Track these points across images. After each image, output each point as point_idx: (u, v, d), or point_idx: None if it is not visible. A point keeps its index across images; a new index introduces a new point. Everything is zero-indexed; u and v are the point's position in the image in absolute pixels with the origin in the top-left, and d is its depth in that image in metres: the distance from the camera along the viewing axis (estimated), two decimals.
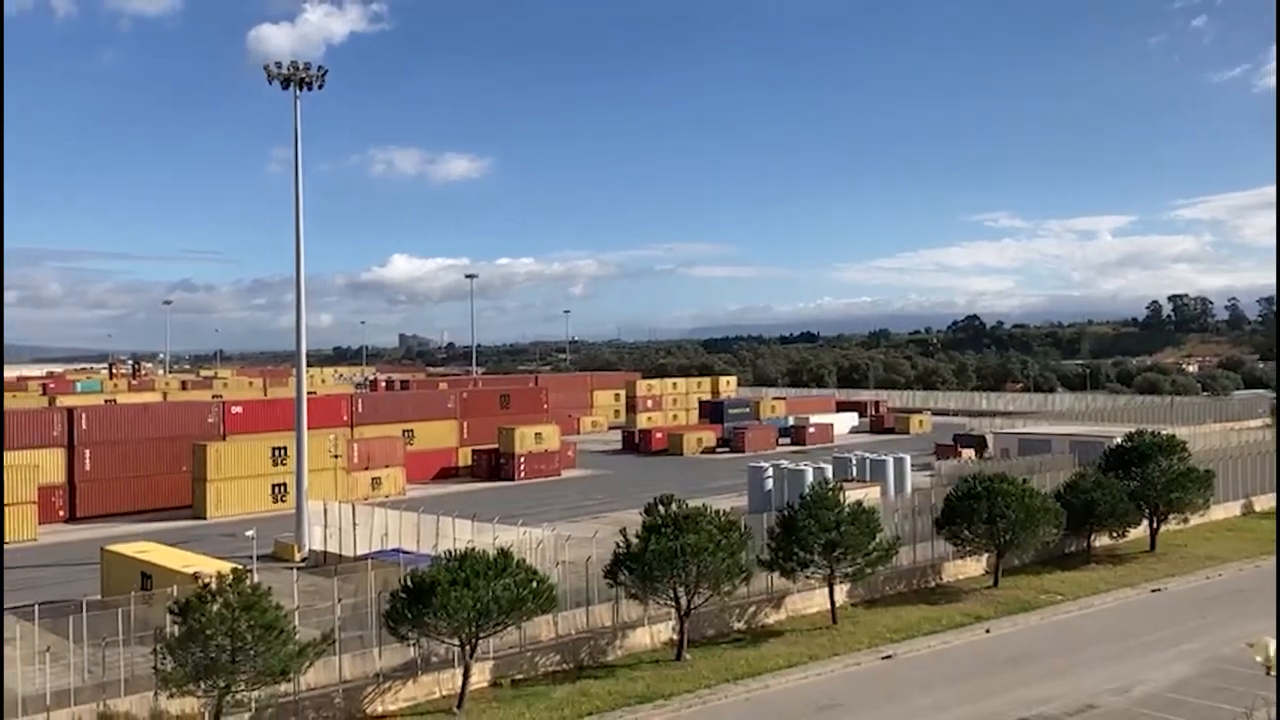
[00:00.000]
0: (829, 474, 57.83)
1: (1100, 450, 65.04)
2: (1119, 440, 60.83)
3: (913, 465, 69.89)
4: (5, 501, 59.38)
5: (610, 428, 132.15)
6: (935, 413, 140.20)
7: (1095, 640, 39.30)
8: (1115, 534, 54.35)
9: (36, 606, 34.77)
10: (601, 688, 34.40)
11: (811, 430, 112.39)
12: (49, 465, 66.27)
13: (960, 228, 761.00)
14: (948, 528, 47.67)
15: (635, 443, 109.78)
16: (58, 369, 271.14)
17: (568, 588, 37.84)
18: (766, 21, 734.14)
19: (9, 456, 63.42)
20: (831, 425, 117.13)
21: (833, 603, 42.57)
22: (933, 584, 48.67)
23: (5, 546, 57.40)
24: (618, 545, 37.67)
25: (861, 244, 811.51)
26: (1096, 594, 46.65)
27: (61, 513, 66.81)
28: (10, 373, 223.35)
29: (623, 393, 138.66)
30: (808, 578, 42.17)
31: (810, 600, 43.68)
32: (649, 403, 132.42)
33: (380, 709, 32.72)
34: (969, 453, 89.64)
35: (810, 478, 56.02)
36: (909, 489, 63.03)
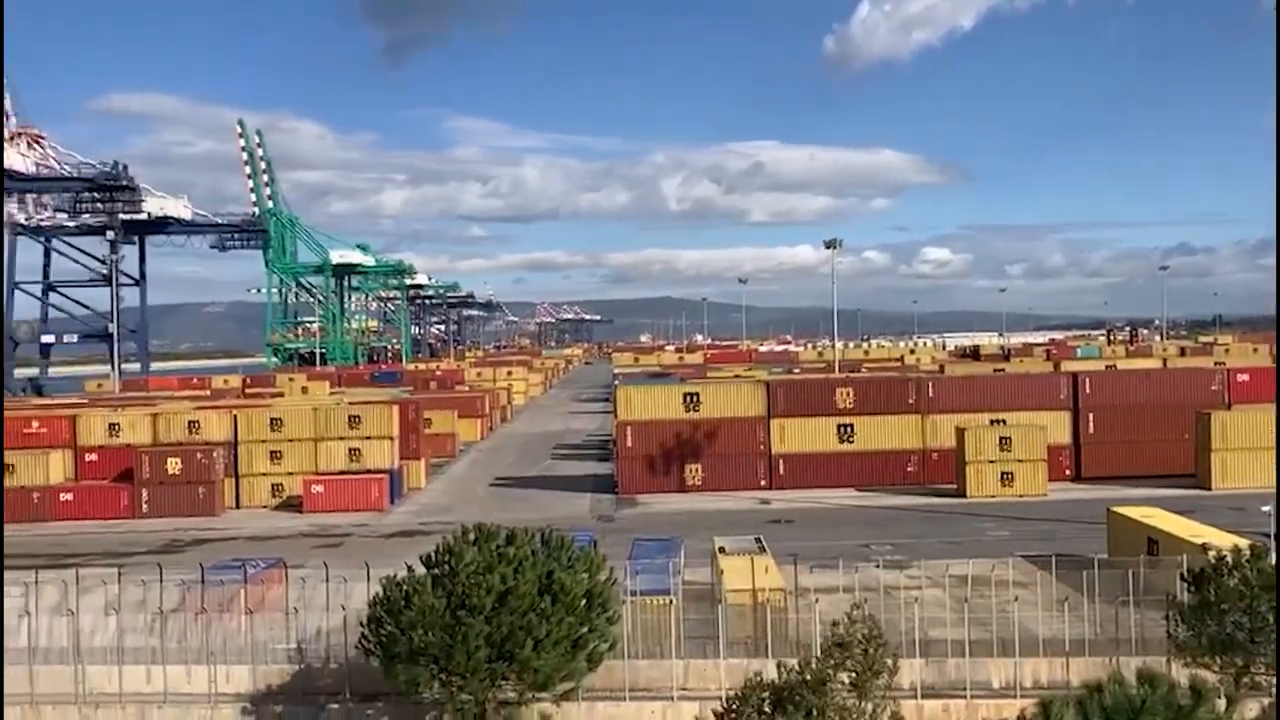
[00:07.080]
0: None
1: None
2: None
3: None
4: (1020, 457, 65.10)
5: None
6: None
7: None
8: None
9: (1054, 558, 37.74)
10: None
11: None
12: (1055, 426, 70.16)
13: None
14: None
15: None
16: (1057, 335, 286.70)
17: None
18: None
19: (1023, 416, 69.10)
20: None
21: None
22: None
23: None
24: None
25: None
26: None
27: (1068, 471, 70.43)
28: (1016, 339, 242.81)
29: None
30: None
31: None
32: None
33: None
34: None
35: None
36: None
